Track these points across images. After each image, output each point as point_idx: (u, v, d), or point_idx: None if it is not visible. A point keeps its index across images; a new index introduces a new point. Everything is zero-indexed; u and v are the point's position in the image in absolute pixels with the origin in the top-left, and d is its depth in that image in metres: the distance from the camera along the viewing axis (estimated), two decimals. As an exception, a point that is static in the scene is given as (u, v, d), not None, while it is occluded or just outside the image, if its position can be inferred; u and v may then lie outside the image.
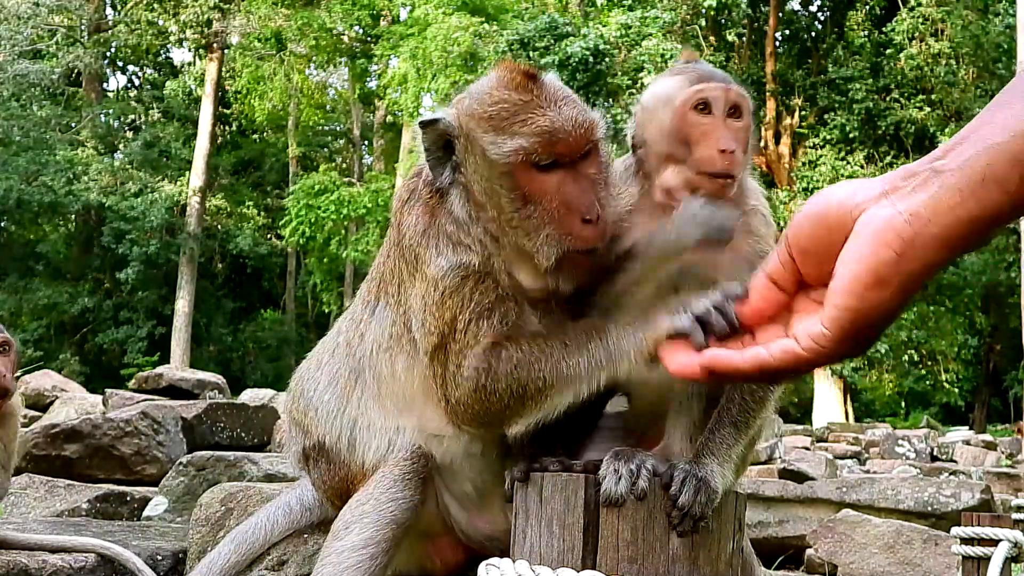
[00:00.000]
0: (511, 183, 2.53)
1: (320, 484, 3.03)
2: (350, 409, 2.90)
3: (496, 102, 2.58)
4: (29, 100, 36.25)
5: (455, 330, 2.57)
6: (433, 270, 2.61)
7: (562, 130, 2.52)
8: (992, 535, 3.17)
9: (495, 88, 2.60)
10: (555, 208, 2.51)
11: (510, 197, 2.54)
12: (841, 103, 27.74)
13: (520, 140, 2.52)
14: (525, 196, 2.52)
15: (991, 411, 40.21)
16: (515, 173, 2.52)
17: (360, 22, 36.23)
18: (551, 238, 2.50)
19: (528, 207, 2.52)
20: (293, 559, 3.20)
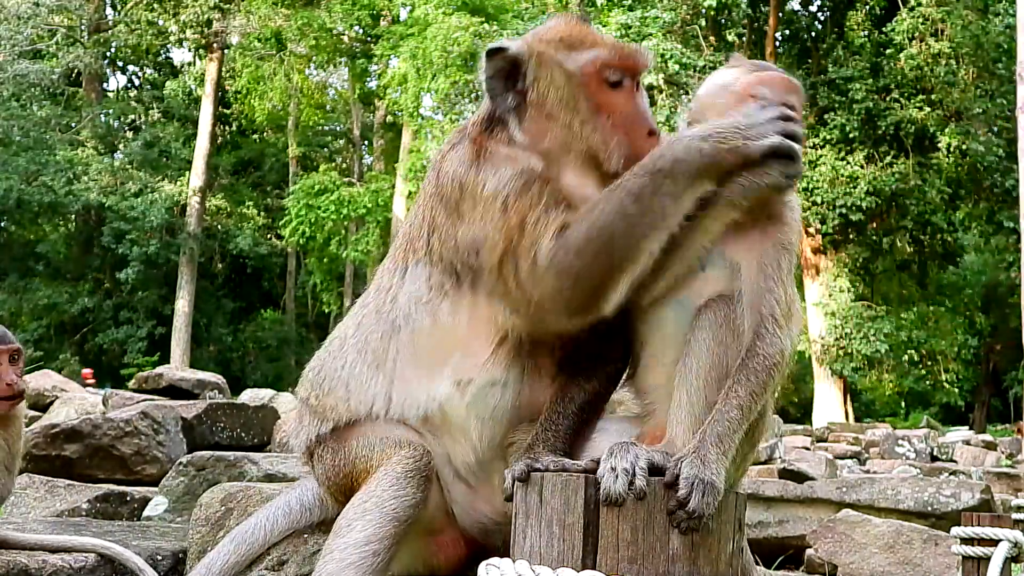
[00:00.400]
0: (587, 92, 2.81)
1: (324, 479, 3.03)
2: (385, 373, 2.92)
3: (566, 30, 2.91)
4: (29, 100, 36.24)
5: (523, 230, 2.68)
6: (491, 187, 2.76)
7: (629, 48, 2.88)
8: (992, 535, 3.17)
9: (559, 24, 2.95)
10: (625, 119, 2.80)
11: (586, 105, 2.80)
12: (841, 103, 27.73)
13: (596, 51, 2.83)
14: (598, 106, 2.80)
15: (991, 411, 40.24)
16: (590, 84, 2.81)
17: (360, 22, 36.23)
18: (621, 144, 2.76)
19: (601, 116, 2.79)
20: (293, 559, 3.20)
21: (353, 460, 2.90)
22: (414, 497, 2.79)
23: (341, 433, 2.97)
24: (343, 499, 2.94)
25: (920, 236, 29.42)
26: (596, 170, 2.79)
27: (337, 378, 2.97)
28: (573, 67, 2.82)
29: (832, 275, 28.95)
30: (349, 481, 2.92)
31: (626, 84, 2.84)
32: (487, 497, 2.88)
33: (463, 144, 2.89)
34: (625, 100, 2.83)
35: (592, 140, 2.79)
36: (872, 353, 27.51)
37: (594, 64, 2.81)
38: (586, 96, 2.81)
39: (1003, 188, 27.12)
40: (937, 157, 27.78)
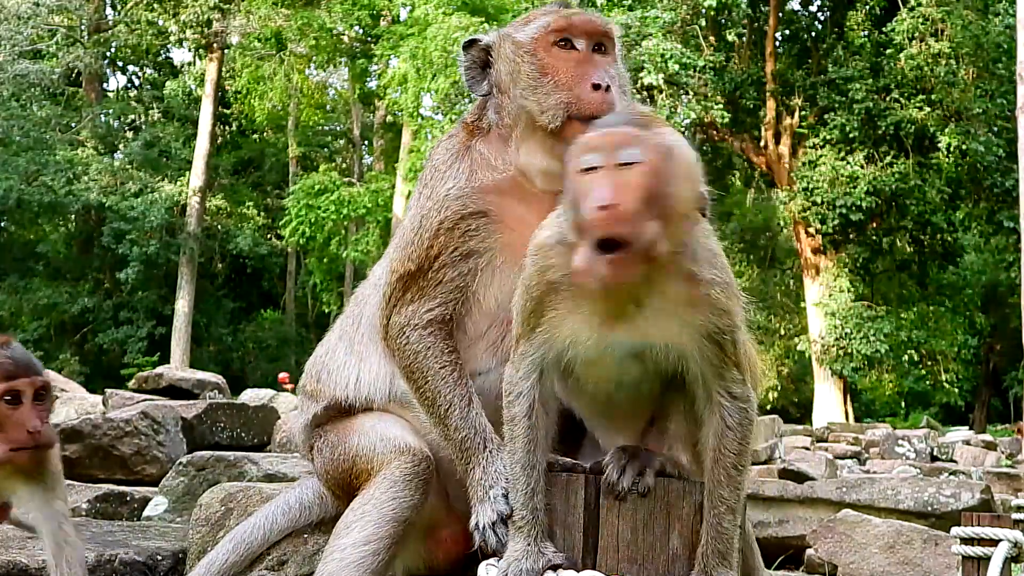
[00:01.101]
0: (533, 58, 2.86)
1: (323, 473, 3.05)
2: (355, 355, 3.05)
3: (532, 12, 3.01)
4: (29, 100, 36.20)
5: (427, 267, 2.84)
6: (440, 192, 2.88)
7: (578, 15, 2.91)
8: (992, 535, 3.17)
9: (532, 11, 3.04)
10: (569, 76, 2.81)
11: (531, 69, 2.85)
12: (841, 103, 27.71)
13: (544, 19, 2.90)
14: (544, 68, 2.84)
15: (991, 411, 40.22)
16: (538, 49, 2.86)
17: (360, 22, 36.19)
18: (560, 102, 2.78)
19: (546, 77, 2.83)
20: (293, 559, 3.21)
21: (353, 457, 2.93)
22: (412, 499, 2.81)
23: (340, 428, 2.98)
24: (341, 494, 2.97)
25: (920, 236, 29.40)
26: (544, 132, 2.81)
27: (323, 364, 3.13)
28: (521, 37, 2.90)
29: (832, 275, 28.93)
30: (348, 477, 2.94)
31: (580, 46, 2.86)
32: None
33: (454, 135, 3.02)
34: (575, 60, 2.84)
35: (529, 104, 2.83)
36: (872, 353, 27.49)
37: (540, 30, 2.88)
38: (532, 62, 2.86)
39: (1003, 188, 27.10)
40: (937, 157, 27.77)
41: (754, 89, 30.24)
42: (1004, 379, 39.01)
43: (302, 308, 43.94)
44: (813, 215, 27.88)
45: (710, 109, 27.64)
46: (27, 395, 3.12)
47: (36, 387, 3.15)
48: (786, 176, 29.40)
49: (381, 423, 2.93)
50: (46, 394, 3.20)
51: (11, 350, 3.19)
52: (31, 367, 3.18)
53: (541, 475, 2.45)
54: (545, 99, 2.80)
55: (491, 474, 2.69)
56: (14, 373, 3.13)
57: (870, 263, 29.52)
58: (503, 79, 2.93)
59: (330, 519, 3.10)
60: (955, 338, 29.43)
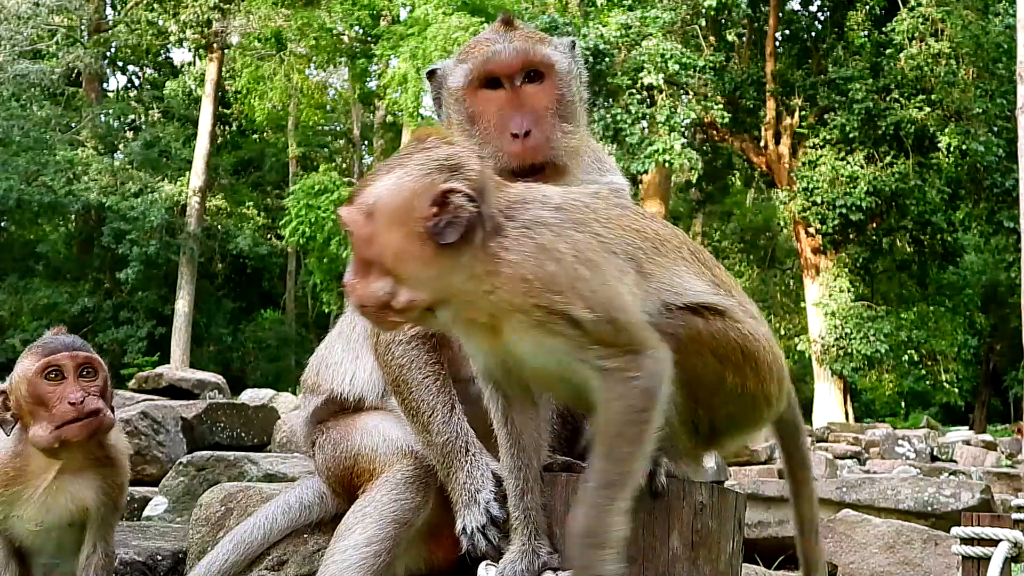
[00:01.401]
0: (463, 105, 2.81)
1: (324, 470, 3.06)
2: (352, 353, 3.07)
3: (471, 42, 2.93)
4: (29, 100, 36.21)
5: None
6: None
7: (501, 52, 2.79)
8: (992, 535, 3.17)
9: (478, 35, 2.98)
10: (492, 124, 2.75)
11: (461, 119, 2.81)
12: (841, 103, 27.71)
13: (467, 64, 2.82)
14: (471, 116, 2.79)
15: (991, 411, 40.22)
16: (466, 96, 2.80)
17: (360, 22, 36.20)
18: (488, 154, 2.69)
19: (474, 126, 2.78)
20: (293, 559, 3.20)
21: (355, 456, 2.94)
22: (413, 501, 2.81)
23: (343, 426, 2.99)
24: (342, 492, 2.98)
25: (920, 236, 29.41)
26: None
27: (322, 359, 3.16)
28: (452, 84, 2.87)
29: (832, 275, 28.93)
30: (350, 476, 2.95)
31: (506, 85, 2.79)
32: None
33: None
34: (498, 103, 2.78)
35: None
36: (872, 353, 27.49)
37: (465, 77, 2.82)
38: (461, 111, 2.82)
39: (1003, 188, 27.10)
40: (937, 157, 27.77)
41: (754, 89, 30.24)
42: (1004, 379, 39.01)
43: (302, 308, 43.92)
44: (813, 215, 27.88)
45: (710, 109, 27.64)
46: (68, 369, 3.09)
47: (78, 361, 3.11)
48: (786, 176, 29.40)
49: (384, 423, 2.94)
50: (93, 370, 3.14)
51: (61, 336, 3.22)
52: (73, 344, 3.15)
53: (530, 476, 2.43)
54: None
55: (476, 478, 2.69)
56: (54, 349, 3.12)
57: (870, 263, 29.53)
58: (450, 120, 2.91)
59: (330, 519, 3.10)
60: (955, 338, 29.43)
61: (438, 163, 2.22)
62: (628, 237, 2.37)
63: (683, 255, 2.46)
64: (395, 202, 2.20)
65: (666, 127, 26.15)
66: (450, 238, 2.17)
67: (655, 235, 2.44)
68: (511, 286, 2.19)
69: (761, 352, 2.44)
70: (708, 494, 2.46)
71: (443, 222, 2.17)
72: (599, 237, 2.30)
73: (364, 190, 2.24)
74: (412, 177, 2.21)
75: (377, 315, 2.22)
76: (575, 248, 2.23)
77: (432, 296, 2.21)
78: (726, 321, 2.41)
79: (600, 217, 2.35)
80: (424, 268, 2.19)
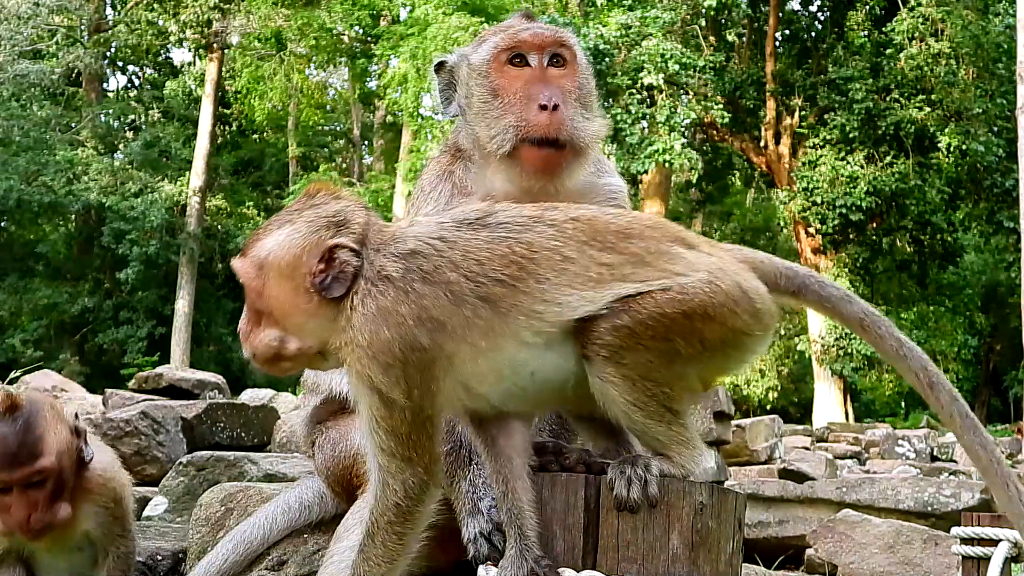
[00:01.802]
0: (487, 80, 2.84)
1: (323, 469, 3.06)
2: None
3: (490, 30, 3.01)
4: (29, 100, 36.20)
5: None
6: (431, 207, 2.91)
7: (528, 31, 2.85)
8: (992, 535, 3.16)
9: (493, 27, 3.06)
10: (517, 97, 2.78)
11: (482, 92, 2.84)
12: (841, 103, 27.72)
13: (496, 38, 2.88)
14: (495, 89, 2.82)
15: (991, 411, 40.19)
16: (490, 70, 2.84)
17: (360, 22, 36.20)
18: (509, 126, 2.75)
19: (497, 99, 2.81)
20: (293, 559, 3.20)
21: (355, 456, 2.94)
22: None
23: (342, 426, 2.99)
24: (341, 491, 2.98)
25: (920, 236, 29.41)
26: (496, 157, 2.80)
27: None
28: (475, 59, 2.89)
29: (832, 275, 28.91)
30: (349, 475, 2.95)
31: (534, 62, 2.83)
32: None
33: (439, 158, 3.04)
34: (526, 78, 2.82)
35: (479, 130, 2.82)
36: (872, 353, 27.49)
37: (491, 51, 2.87)
38: (485, 84, 2.85)
39: (1003, 188, 27.11)
40: (937, 157, 27.77)
41: (754, 89, 30.24)
42: (1004, 379, 39.00)
43: (302, 308, 43.90)
44: (813, 215, 27.88)
45: (710, 109, 27.65)
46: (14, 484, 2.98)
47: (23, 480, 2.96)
48: (786, 176, 29.40)
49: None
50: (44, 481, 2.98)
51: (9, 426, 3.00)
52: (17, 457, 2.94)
53: (509, 482, 2.43)
54: (495, 124, 2.79)
55: (479, 486, 2.69)
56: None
57: (870, 263, 29.53)
58: (463, 103, 2.92)
59: (330, 519, 3.11)
60: (955, 338, 29.44)
61: (326, 219, 2.30)
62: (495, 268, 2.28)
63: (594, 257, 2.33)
64: (284, 258, 2.31)
65: (666, 127, 26.16)
66: (336, 292, 2.25)
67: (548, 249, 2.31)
68: (348, 349, 2.25)
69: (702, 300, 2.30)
70: (708, 494, 2.46)
71: (329, 278, 2.25)
72: (449, 286, 2.26)
73: (256, 243, 2.38)
74: (300, 234, 2.31)
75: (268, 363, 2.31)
76: (414, 313, 2.22)
77: (320, 344, 2.28)
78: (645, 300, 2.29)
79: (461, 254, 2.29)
80: (311, 319, 2.27)
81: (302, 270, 2.28)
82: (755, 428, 11.52)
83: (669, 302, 2.29)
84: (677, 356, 2.32)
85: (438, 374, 2.25)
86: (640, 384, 2.30)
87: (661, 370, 2.31)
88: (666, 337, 2.30)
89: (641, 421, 2.36)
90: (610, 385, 2.30)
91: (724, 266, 2.39)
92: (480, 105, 2.83)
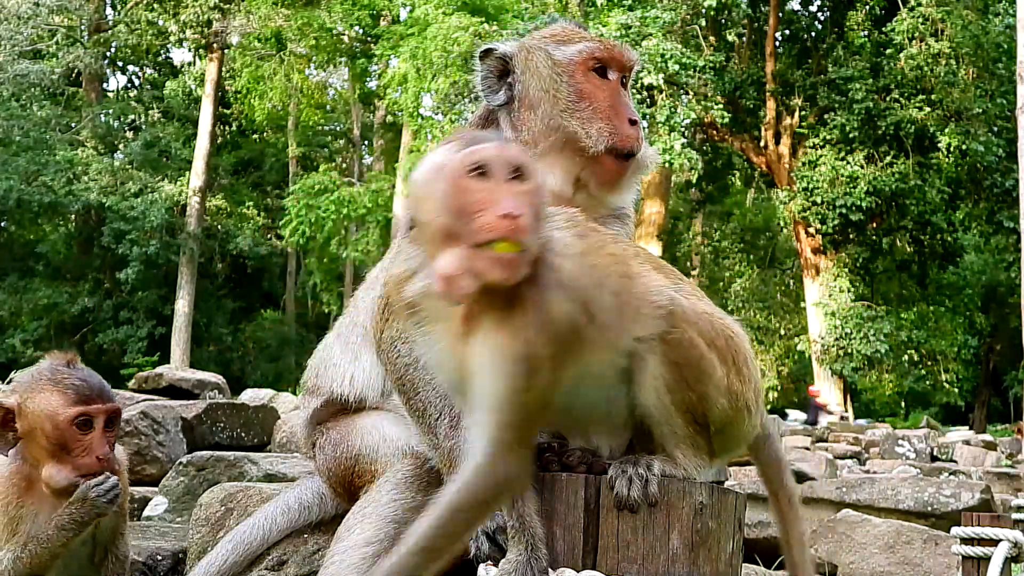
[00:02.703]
0: (572, 79, 2.89)
1: (324, 470, 3.06)
2: (351, 354, 3.08)
3: (559, 28, 3.04)
4: (29, 100, 36.20)
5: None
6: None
7: (618, 48, 2.97)
8: (992, 535, 3.17)
9: (554, 26, 3.08)
10: (607, 106, 2.88)
11: (570, 91, 2.88)
12: (841, 103, 27.72)
13: (585, 43, 2.94)
14: (582, 92, 2.88)
15: (991, 411, 40.21)
16: (576, 72, 2.90)
17: (360, 22, 36.19)
18: (602, 129, 2.84)
19: (584, 102, 2.87)
20: (293, 559, 3.20)
21: (355, 456, 2.94)
22: (413, 500, 2.81)
23: (342, 426, 3.00)
24: (342, 492, 2.98)
25: (920, 236, 29.41)
26: (578, 155, 2.86)
27: (321, 360, 3.17)
28: (560, 56, 2.92)
29: (832, 275, 28.93)
30: (350, 476, 2.95)
31: (612, 77, 2.92)
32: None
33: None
34: (610, 90, 2.90)
35: (571, 125, 2.85)
36: (872, 353, 27.49)
37: (581, 53, 2.91)
38: (570, 83, 2.89)
39: (1003, 188, 27.11)
40: (937, 157, 27.77)
41: (754, 89, 30.24)
42: (1004, 379, 39.00)
43: (302, 308, 43.93)
44: (813, 215, 27.88)
45: (710, 109, 27.65)
46: (99, 421, 3.08)
47: (109, 413, 3.10)
48: (786, 176, 29.40)
49: (384, 424, 2.94)
50: (116, 420, 3.14)
51: (83, 371, 3.15)
52: (103, 392, 3.12)
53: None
54: (588, 124, 2.85)
55: None
56: (89, 398, 3.08)
57: (870, 263, 29.53)
58: (532, 94, 2.92)
59: (330, 519, 3.11)
60: (955, 338, 29.43)
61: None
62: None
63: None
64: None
65: (666, 127, 26.16)
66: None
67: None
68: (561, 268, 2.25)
69: (743, 349, 2.51)
70: (708, 494, 2.46)
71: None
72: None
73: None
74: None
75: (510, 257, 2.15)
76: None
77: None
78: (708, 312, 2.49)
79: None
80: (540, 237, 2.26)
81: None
82: (755, 428, 11.49)
83: (722, 324, 2.53)
84: (710, 368, 2.46)
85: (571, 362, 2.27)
86: (671, 369, 2.41)
87: (692, 363, 2.44)
88: (708, 343, 2.47)
89: (669, 406, 2.43)
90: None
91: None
92: (567, 103, 2.89)
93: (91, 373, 3.16)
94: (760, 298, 33.93)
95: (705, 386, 2.44)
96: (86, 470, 3.04)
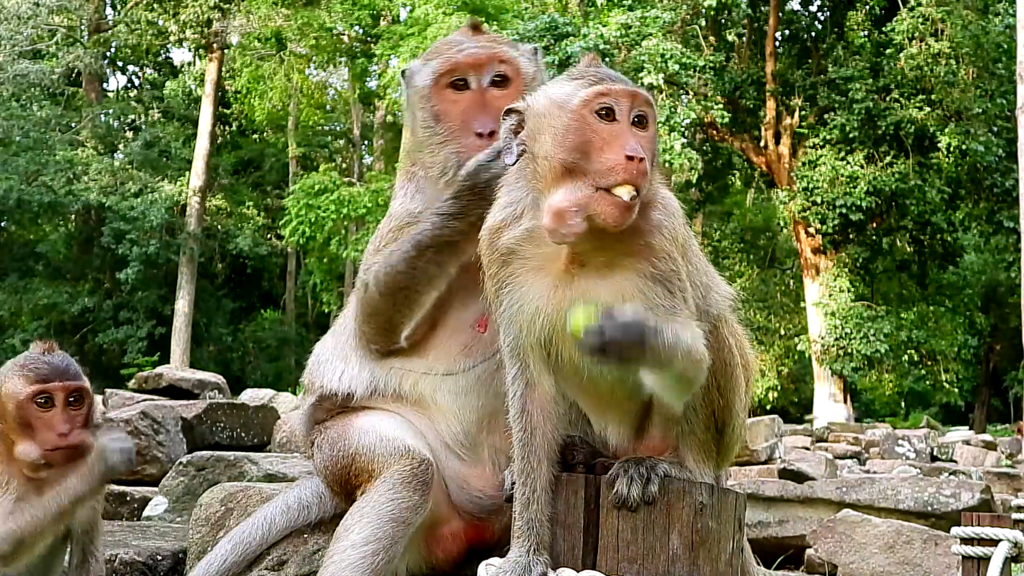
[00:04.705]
0: (427, 104, 2.83)
1: (322, 469, 3.07)
2: (341, 353, 3.09)
3: (437, 42, 2.99)
4: (29, 100, 36.20)
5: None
6: (397, 207, 2.97)
7: (468, 54, 2.82)
8: (992, 535, 3.16)
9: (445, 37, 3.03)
10: (457, 124, 2.78)
11: (426, 116, 2.84)
12: (841, 103, 27.72)
13: (434, 63, 2.85)
14: (437, 115, 2.82)
15: (991, 411, 40.23)
16: (431, 94, 2.83)
17: (360, 22, 36.18)
18: (452, 151, 2.76)
19: (439, 124, 2.81)
20: (293, 559, 3.20)
21: (353, 456, 2.94)
22: (411, 500, 2.81)
23: (340, 426, 3.00)
24: (340, 491, 2.99)
25: (920, 236, 29.41)
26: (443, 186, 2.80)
27: (317, 359, 3.19)
28: (420, 82, 2.88)
29: (832, 275, 28.93)
30: (348, 475, 2.95)
31: (473, 84, 2.82)
32: (479, 472, 2.94)
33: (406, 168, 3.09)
34: (465, 102, 2.81)
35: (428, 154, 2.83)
36: (872, 353, 27.49)
37: (433, 74, 2.85)
38: (429, 108, 2.84)
39: (1003, 188, 27.12)
40: (937, 157, 27.77)
41: (754, 89, 30.24)
42: (1004, 379, 39.02)
43: (302, 308, 43.93)
44: (813, 215, 27.88)
45: (710, 109, 27.65)
46: (59, 398, 3.18)
47: (68, 391, 3.20)
48: (786, 176, 29.40)
49: (381, 423, 2.94)
50: (81, 398, 3.23)
51: (54, 357, 3.30)
52: (66, 372, 3.24)
53: (537, 485, 2.41)
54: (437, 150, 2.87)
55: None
56: (47, 376, 3.21)
57: (870, 263, 29.53)
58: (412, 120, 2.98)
59: (329, 519, 3.11)
60: (955, 338, 29.43)
61: None
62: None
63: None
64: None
65: (666, 127, 26.15)
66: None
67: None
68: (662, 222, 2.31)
69: (754, 373, 2.59)
70: (708, 494, 2.46)
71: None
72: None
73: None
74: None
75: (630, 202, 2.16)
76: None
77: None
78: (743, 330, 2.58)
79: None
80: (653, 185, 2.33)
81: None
82: (755, 428, 11.53)
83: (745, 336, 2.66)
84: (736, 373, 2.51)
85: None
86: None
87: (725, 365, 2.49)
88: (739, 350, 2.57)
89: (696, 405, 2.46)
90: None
91: None
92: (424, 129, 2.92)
93: (63, 357, 3.29)
94: (760, 298, 33.91)
95: (732, 395, 2.45)
96: (50, 444, 3.11)
